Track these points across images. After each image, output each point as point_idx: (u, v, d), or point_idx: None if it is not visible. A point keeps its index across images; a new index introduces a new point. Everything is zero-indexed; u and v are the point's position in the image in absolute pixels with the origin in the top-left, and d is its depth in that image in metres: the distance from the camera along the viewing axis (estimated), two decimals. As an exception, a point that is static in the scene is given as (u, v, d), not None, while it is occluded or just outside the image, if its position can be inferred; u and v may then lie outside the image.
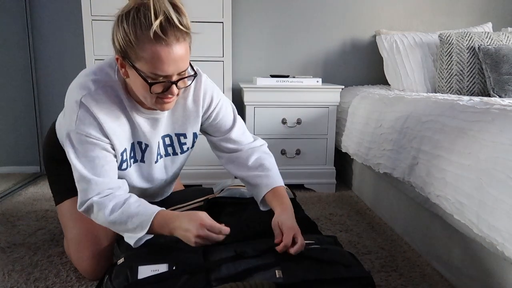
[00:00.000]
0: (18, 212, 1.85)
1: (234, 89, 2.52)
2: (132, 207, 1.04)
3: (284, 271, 0.93)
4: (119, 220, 1.03)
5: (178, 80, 0.98)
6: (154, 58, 0.92)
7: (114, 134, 1.06)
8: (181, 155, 1.25)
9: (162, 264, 0.95)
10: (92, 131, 1.03)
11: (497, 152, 0.99)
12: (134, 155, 1.16)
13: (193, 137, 1.23)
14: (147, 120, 1.12)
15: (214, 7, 2.04)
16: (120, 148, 1.09)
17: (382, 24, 2.58)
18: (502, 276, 1.05)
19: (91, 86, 1.03)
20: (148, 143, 1.15)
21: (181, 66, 0.96)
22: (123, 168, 1.14)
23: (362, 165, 2.10)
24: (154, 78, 0.95)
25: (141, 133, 1.13)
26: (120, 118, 1.07)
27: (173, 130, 1.19)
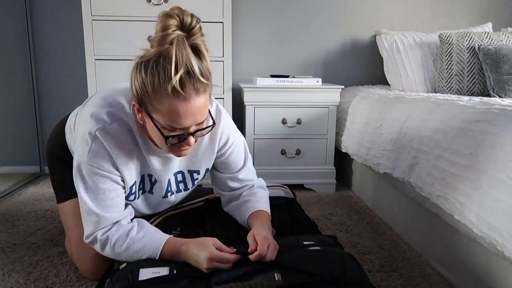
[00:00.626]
0: (18, 212, 1.85)
1: (234, 89, 2.52)
2: (136, 243, 1.02)
3: (283, 274, 0.93)
4: (126, 255, 1.03)
5: (196, 131, 0.96)
6: (172, 112, 0.89)
7: (126, 169, 1.05)
8: (191, 188, 1.24)
9: (164, 267, 0.96)
10: (104, 164, 1.02)
11: (497, 152, 0.99)
12: (143, 187, 1.14)
13: (205, 172, 1.22)
14: (159, 159, 1.10)
15: (214, 7, 2.04)
16: (130, 182, 1.08)
17: (382, 24, 2.58)
18: (502, 276, 1.05)
19: (106, 119, 1.01)
20: (157, 179, 1.14)
21: (199, 118, 0.93)
22: (130, 199, 1.13)
23: (362, 165, 2.10)
24: (171, 130, 0.93)
25: (152, 169, 1.11)
26: (132, 153, 1.05)
27: (186, 167, 1.17)
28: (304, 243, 1.08)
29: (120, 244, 1.03)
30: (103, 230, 1.04)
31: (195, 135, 0.96)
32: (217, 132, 1.14)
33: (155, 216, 1.28)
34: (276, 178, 2.18)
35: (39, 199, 2.04)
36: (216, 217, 1.26)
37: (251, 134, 2.14)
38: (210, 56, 2.21)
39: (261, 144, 2.16)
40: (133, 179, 1.09)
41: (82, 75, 2.48)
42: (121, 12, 2.00)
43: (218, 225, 1.22)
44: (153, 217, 1.28)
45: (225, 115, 1.16)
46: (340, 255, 1.01)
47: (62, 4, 2.39)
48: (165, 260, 0.99)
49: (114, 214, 1.05)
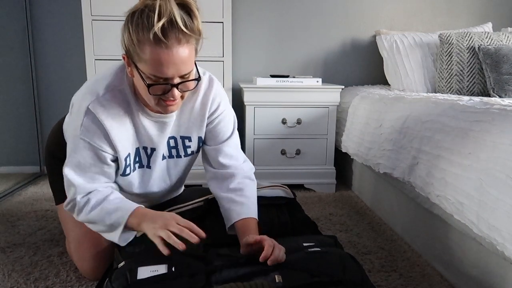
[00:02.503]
0: (18, 212, 1.85)
1: (234, 89, 2.52)
2: (111, 203, 1.06)
3: (283, 275, 0.93)
4: (98, 217, 1.05)
5: (179, 83, 0.96)
6: (154, 60, 0.92)
7: (119, 140, 1.06)
8: (184, 158, 1.24)
9: (162, 265, 0.96)
10: (96, 139, 1.04)
11: (497, 152, 0.99)
12: (140, 160, 1.16)
13: (198, 141, 1.22)
14: (155, 124, 1.11)
15: (214, 7, 2.04)
16: (123, 154, 1.09)
17: (382, 24, 2.58)
18: (502, 276, 1.05)
19: (100, 91, 1.04)
20: (154, 147, 1.15)
21: (182, 69, 0.95)
22: (126, 173, 1.14)
23: (362, 165, 2.10)
24: (155, 80, 0.95)
25: (147, 138, 1.12)
26: (126, 123, 1.07)
27: (178, 133, 1.18)
28: (304, 245, 1.08)
29: (96, 205, 1.05)
30: (83, 193, 1.07)
31: (179, 88, 0.97)
32: (208, 98, 1.15)
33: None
34: (276, 178, 2.18)
35: (39, 199, 2.04)
36: (216, 217, 1.26)
37: (251, 134, 2.14)
38: (210, 56, 2.23)
39: (261, 144, 2.16)
40: (127, 151, 1.10)
41: (82, 75, 2.48)
42: (121, 12, 1.99)
43: (218, 225, 1.22)
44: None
45: (218, 85, 1.18)
46: (340, 256, 1.02)
47: (62, 4, 2.39)
48: (164, 258, 0.99)
49: (96, 185, 1.08)
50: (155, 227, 0.98)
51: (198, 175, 2.17)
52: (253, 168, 1.27)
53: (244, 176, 1.22)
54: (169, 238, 0.95)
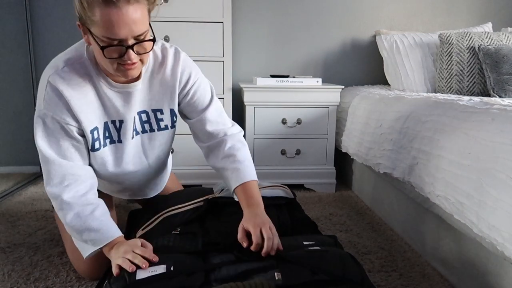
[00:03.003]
0: (18, 212, 1.85)
1: (234, 89, 2.52)
2: (95, 221, 1.05)
3: (283, 273, 0.93)
4: (77, 227, 1.05)
5: (134, 44, 0.95)
6: (105, 21, 0.90)
7: (82, 111, 1.06)
8: (158, 132, 1.22)
9: (161, 265, 0.96)
10: (59, 111, 1.04)
11: (497, 152, 0.99)
12: (110, 135, 1.15)
13: (171, 114, 1.21)
14: (120, 95, 1.10)
15: (214, 7, 2.04)
16: (89, 125, 1.08)
17: (382, 24, 2.58)
18: (502, 276, 1.05)
19: (60, 64, 1.04)
20: (122, 118, 1.13)
21: (134, 29, 0.93)
22: (96, 148, 1.12)
23: (362, 165, 2.10)
24: (108, 42, 0.93)
25: (114, 110, 1.11)
26: (89, 95, 1.07)
27: (150, 106, 1.18)
28: (304, 243, 1.08)
29: (80, 217, 1.05)
30: (70, 193, 1.06)
31: (135, 50, 0.96)
32: (177, 70, 1.16)
33: (155, 216, 1.29)
34: (276, 178, 2.18)
35: (39, 199, 2.04)
36: (216, 217, 1.26)
37: (251, 134, 2.14)
38: (210, 56, 2.23)
39: (261, 144, 2.16)
40: (93, 123, 1.09)
41: (82, 75, 2.48)
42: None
43: (218, 225, 1.22)
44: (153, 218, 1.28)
45: (185, 57, 1.18)
46: (340, 255, 1.02)
47: (62, 4, 2.39)
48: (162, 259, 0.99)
49: (71, 162, 1.08)
50: (117, 255, 0.99)
51: (198, 175, 2.17)
52: (241, 131, 1.27)
53: (233, 140, 1.22)
54: (123, 263, 0.96)
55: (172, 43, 2.04)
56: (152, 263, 0.96)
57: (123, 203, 1.95)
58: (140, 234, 1.26)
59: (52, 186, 1.07)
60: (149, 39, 0.99)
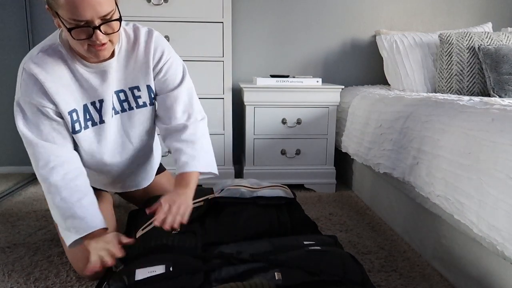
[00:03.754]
0: (18, 212, 1.85)
1: (234, 89, 2.52)
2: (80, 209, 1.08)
3: (283, 273, 0.93)
4: (63, 212, 1.08)
5: (100, 24, 0.96)
6: (69, 3, 0.91)
7: (58, 93, 1.07)
8: (137, 109, 1.23)
9: (159, 265, 0.96)
10: (34, 95, 1.05)
11: (497, 152, 0.99)
12: (91, 118, 1.16)
13: (148, 91, 1.21)
14: (96, 74, 1.11)
15: (214, 7, 2.04)
16: (66, 107, 1.09)
17: (382, 24, 2.58)
18: (502, 276, 1.05)
19: (34, 52, 1.07)
20: (102, 98, 1.15)
21: (99, 10, 0.94)
22: (77, 130, 1.14)
23: (362, 165, 2.10)
24: (75, 24, 0.94)
25: (92, 90, 1.13)
26: (65, 78, 1.08)
27: (126, 85, 1.19)
28: (304, 243, 1.08)
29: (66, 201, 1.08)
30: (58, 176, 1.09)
31: (103, 30, 0.97)
32: (150, 47, 1.17)
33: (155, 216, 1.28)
34: (276, 178, 2.18)
35: (39, 199, 2.04)
36: (216, 216, 1.26)
37: (251, 134, 2.14)
38: (210, 56, 2.23)
39: (261, 144, 2.16)
40: (71, 106, 1.10)
41: (82, 75, 2.48)
42: (121, 12, 1.99)
43: (218, 225, 1.22)
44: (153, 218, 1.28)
45: (158, 35, 1.19)
46: (340, 255, 1.02)
47: (62, 4, 2.39)
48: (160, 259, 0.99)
49: (54, 145, 1.09)
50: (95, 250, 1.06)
51: (198, 175, 2.17)
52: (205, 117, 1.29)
53: (196, 128, 1.23)
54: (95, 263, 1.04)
55: (172, 43, 2.05)
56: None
57: (123, 204, 1.95)
58: (140, 234, 1.26)
59: (39, 169, 1.09)
60: (115, 19, 1.00)
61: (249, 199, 1.31)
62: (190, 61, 2.06)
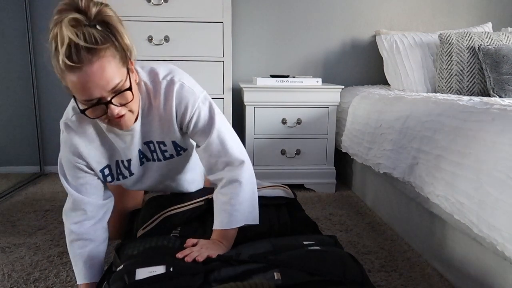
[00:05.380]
0: (18, 212, 1.85)
1: (234, 89, 2.52)
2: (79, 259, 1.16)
3: (283, 273, 0.93)
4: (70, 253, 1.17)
5: (111, 98, 0.93)
6: (76, 86, 0.90)
7: (89, 155, 1.11)
8: (164, 161, 1.22)
9: (160, 266, 0.96)
10: (70, 154, 1.11)
11: (497, 152, 0.99)
12: (121, 173, 1.20)
13: (174, 145, 1.18)
14: (123, 137, 1.12)
15: (214, 7, 2.04)
16: (98, 166, 1.14)
17: (382, 24, 2.58)
18: (502, 276, 1.05)
19: (70, 113, 1.10)
20: (129, 158, 1.17)
21: (106, 86, 0.91)
22: (109, 181, 1.19)
23: (362, 165, 2.10)
24: (89, 104, 0.93)
25: (121, 151, 1.15)
26: (96, 141, 1.12)
27: (154, 138, 1.16)
28: (304, 243, 1.08)
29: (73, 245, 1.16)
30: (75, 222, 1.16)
31: (115, 102, 0.94)
32: (171, 104, 1.09)
33: (156, 216, 1.28)
34: (276, 178, 2.18)
35: (39, 199, 2.04)
36: (216, 217, 1.26)
37: (251, 134, 2.14)
38: (210, 56, 2.22)
39: (261, 144, 2.16)
40: (103, 164, 1.15)
41: (82, 75, 2.48)
42: (121, 12, 1.99)
43: (218, 225, 1.21)
44: (153, 217, 1.28)
45: (179, 88, 1.09)
46: (340, 255, 1.02)
47: (62, 4, 2.39)
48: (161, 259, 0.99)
49: (86, 198, 1.15)
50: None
51: (198, 175, 2.17)
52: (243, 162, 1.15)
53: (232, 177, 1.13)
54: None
55: (172, 43, 2.05)
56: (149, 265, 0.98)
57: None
58: (141, 233, 1.26)
59: (65, 210, 1.18)
60: (126, 89, 0.96)
61: (249, 199, 1.31)
62: (190, 61, 2.06)
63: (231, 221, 1.10)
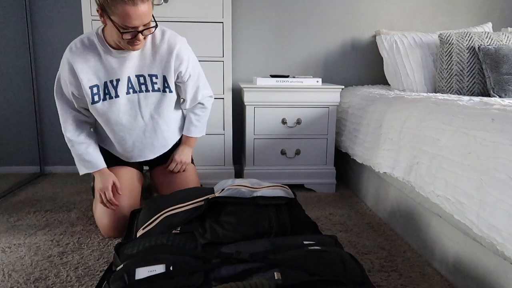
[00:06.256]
0: (18, 212, 1.85)
1: (234, 89, 2.52)
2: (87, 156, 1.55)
3: (283, 273, 0.93)
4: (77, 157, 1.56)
5: (143, 30, 1.35)
6: (124, 15, 1.28)
7: (82, 72, 1.44)
8: (152, 92, 1.55)
9: (160, 265, 0.96)
10: (65, 72, 1.45)
11: (497, 152, 0.99)
12: (109, 92, 1.49)
13: (163, 80, 1.54)
14: (117, 59, 1.46)
15: (214, 7, 2.04)
16: (87, 83, 1.45)
17: (382, 24, 2.59)
18: (502, 276, 1.05)
19: (74, 42, 1.46)
20: (118, 77, 1.48)
21: (145, 19, 1.32)
22: (95, 101, 1.48)
23: (362, 165, 2.10)
24: (125, 29, 1.32)
25: (111, 71, 1.47)
26: (91, 60, 1.45)
27: (146, 72, 1.52)
28: (304, 243, 1.08)
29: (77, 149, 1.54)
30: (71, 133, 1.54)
31: (143, 33, 1.36)
32: (172, 51, 1.51)
33: (156, 216, 1.29)
34: (276, 178, 2.18)
35: (39, 199, 2.04)
36: (216, 216, 1.26)
37: (251, 134, 2.14)
38: (210, 56, 2.22)
39: (261, 144, 2.16)
40: (93, 81, 1.46)
41: (82, 75, 2.48)
42: (121, 12, 2.00)
43: (218, 225, 1.22)
44: (153, 217, 1.28)
45: (183, 43, 1.56)
46: (340, 255, 1.02)
47: (62, 4, 2.39)
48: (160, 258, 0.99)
49: (68, 108, 1.53)
50: (97, 185, 1.56)
51: (199, 175, 2.17)
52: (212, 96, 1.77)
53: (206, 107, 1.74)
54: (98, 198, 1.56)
55: (172, 43, 2.04)
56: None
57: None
58: (141, 233, 1.26)
59: (63, 129, 1.54)
60: (153, 26, 1.39)
61: (249, 199, 1.31)
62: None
63: (196, 132, 1.75)
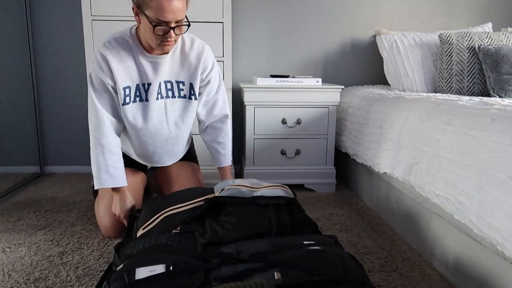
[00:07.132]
0: (18, 212, 1.85)
1: (234, 89, 2.52)
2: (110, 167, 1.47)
3: (283, 273, 0.93)
4: (94, 162, 1.47)
5: (175, 26, 1.33)
6: (159, 7, 1.28)
7: (118, 71, 1.43)
8: (178, 98, 1.56)
9: (160, 264, 0.96)
10: (101, 71, 1.42)
11: (497, 152, 0.99)
12: (140, 95, 1.50)
13: (190, 87, 1.56)
14: (151, 64, 1.47)
15: (214, 7, 2.04)
16: (122, 83, 1.45)
17: (382, 24, 2.59)
18: (502, 276, 1.05)
19: (108, 39, 1.44)
20: (150, 82, 1.48)
21: (178, 16, 1.31)
22: (126, 102, 1.48)
23: (362, 165, 2.10)
24: (158, 23, 1.30)
25: (145, 75, 1.47)
26: (126, 61, 1.44)
27: (174, 78, 1.53)
28: (304, 243, 1.08)
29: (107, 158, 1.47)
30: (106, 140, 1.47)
31: (175, 30, 1.34)
32: (201, 58, 1.54)
33: (156, 216, 1.29)
34: (276, 178, 2.18)
35: (39, 199, 2.04)
36: (216, 216, 1.26)
37: (251, 134, 2.14)
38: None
39: (261, 144, 2.16)
40: (126, 82, 1.46)
41: (82, 76, 2.48)
42: (121, 12, 2.00)
43: (218, 225, 1.22)
44: (153, 217, 1.28)
45: (209, 51, 1.57)
46: (340, 255, 1.02)
47: (62, 4, 2.39)
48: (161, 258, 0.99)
49: (107, 109, 1.48)
50: (115, 206, 1.51)
51: (198, 175, 2.17)
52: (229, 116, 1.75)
53: (226, 131, 1.71)
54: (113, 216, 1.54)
55: (172, 43, 2.04)
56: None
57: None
58: (141, 233, 1.26)
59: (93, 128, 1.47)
60: (185, 24, 1.37)
61: (249, 198, 1.31)
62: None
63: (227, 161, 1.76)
